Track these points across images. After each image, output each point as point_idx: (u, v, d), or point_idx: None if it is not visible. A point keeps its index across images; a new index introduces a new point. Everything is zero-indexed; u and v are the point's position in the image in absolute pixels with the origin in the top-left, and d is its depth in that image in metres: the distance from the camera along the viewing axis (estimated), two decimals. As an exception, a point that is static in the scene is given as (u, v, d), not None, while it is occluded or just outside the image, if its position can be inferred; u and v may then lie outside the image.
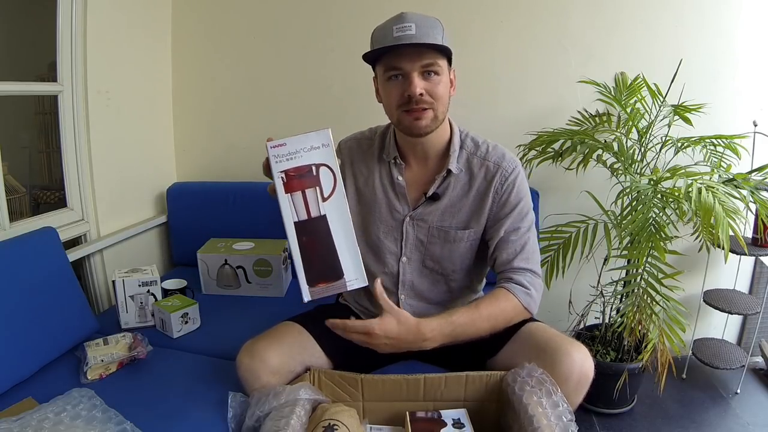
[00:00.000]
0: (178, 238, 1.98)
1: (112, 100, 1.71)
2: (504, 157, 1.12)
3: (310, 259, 0.88)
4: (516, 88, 1.84)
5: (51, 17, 1.52)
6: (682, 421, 1.65)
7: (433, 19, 1.03)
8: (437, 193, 1.12)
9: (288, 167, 0.86)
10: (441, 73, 1.02)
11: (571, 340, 1.02)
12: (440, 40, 1.01)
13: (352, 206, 1.15)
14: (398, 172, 1.14)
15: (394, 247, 1.16)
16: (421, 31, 0.99)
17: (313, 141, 0.87)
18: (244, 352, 1.07)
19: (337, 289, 0.91)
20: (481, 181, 1.11)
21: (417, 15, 1.02)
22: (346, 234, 0.90)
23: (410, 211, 1.14)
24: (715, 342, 1.88)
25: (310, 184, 0.88)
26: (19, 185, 2.06)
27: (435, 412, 1.05)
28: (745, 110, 1.75)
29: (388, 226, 1.16)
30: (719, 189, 1.28)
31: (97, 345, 1.27)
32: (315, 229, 0.88)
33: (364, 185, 1.18)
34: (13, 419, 0.96)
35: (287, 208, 0.86)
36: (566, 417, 0.89)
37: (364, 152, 1.19)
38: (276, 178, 0.86)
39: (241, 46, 1.98)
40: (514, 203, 1.10)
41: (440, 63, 1.02)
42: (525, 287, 1.07)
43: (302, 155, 0.87)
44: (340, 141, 1.23)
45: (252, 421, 0.98)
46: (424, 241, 1.15)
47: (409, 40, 0.98)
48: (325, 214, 0.89)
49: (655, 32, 1.74)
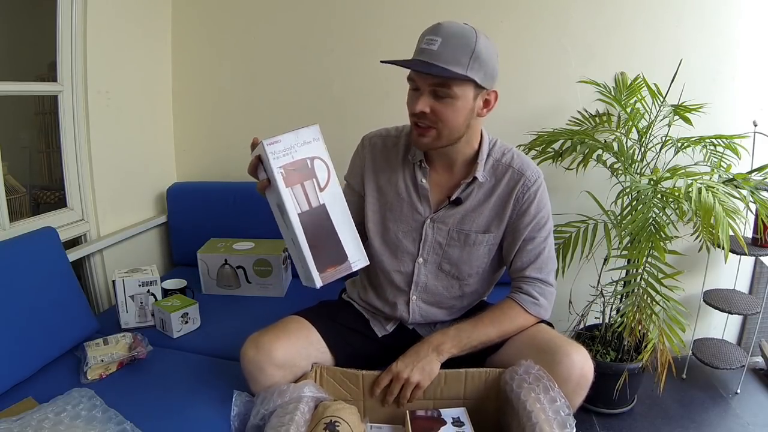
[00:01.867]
0: (178, 238, 1.98)
1: (112, 100, 1.71)
2: (528, 167, 1.12)
3: (317, 247, 0.91)
4: (516, 88, 1.84)
5: (51, 17, 1.52)
6: (682, 421, 1.65)
7: (467, 34, 0.97)
8: (460, 198, 1.12)
9: (285, 162, 0.89)
10: (456, 96, 0.98)
11: (570, 342, 1.03)
12: (463, 63, 0.96)
13: (371, 203, 1.19)
14: (422, 175, 1.13)
15: (412, 247, 1.16)
16: (445, 51, 0.95)
17: (305, 136, 0.91)
18: (250, 344, 1.06)
19: (344, 271, 0.95)
20: (504, 188, 1.11)
21: (450, 28, 0.98)
22: (344, 219, 0.95)
23: (432, 213, 1.14)
24: (715, 342, 1.88)
25: (308, 176, 0.92)
26: (19, 185, 2.06)
27: (435, 411, 1.05)
28: (745, 110, 1.75)
29: (408, 226, 1.16)
30: (719, 189, 1.28)
31: (97, 345, 1.27)
32: (317, 217, 0.92)
33: (386, 183, 1.17)
34: (13, 419, 0.96)
35: (290, 201, 0.90)
36: (564, 411, 0.90)
37: (388, 150, 1.18)
38: (276, 174, 0.88)
39: (241, 47, 1.98)
40: (533, 214, 1.11)
41: (455, 87, 0.97)
42: (533, 298, 1.11)
43: (297, 150, 0.90)
44: (364, 136, 1.22)
45: (257, 419, 0.98)
46: (442, 243, 1.15)
47: (427, 57, 0.96)
48: (324, 203, 0.93)
49: (655, 32, 1.74)
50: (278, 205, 0.93)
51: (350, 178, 1.23)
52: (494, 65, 1.02)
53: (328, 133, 0.93)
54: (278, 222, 0.97)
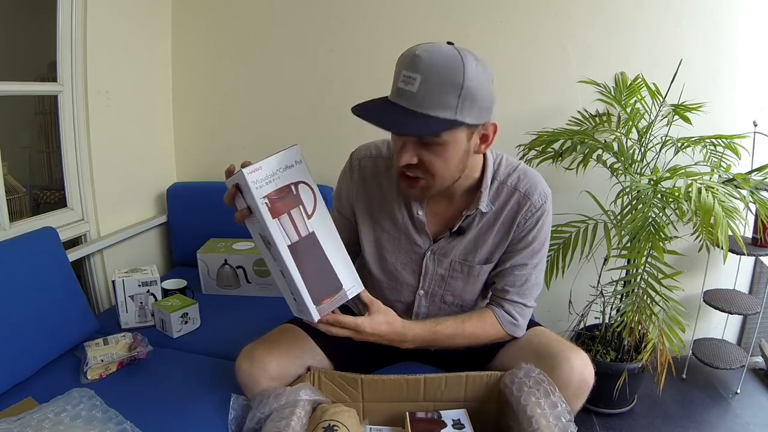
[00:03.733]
0: (178, 238, 1.98)
1: (112, 100, 1.71)
2: (536, 189, 1.01)
3: (310, 279, 0.85)
4: (516, 88, 1.84)
5: (51, 17, 1.52)
6: (682, 421, 1.65)
7: (453, 66, 0.79)
8: (462, 227, 1.03)
9: (269, 191, 0.82)
10: (446, 143, 0.85)
11: (570, 346, 1.01)
12: (451, 105, 0.79)
13: (366, 232, 1.11)
14: (419, 207, 1.04)
15: (413, 279, 1.10)
16: (425, 91, 0.79)
17: (286, 160, 0.84)
18: (244, 357, 1.05)
19: (339, 301, 0.89)
20: (508, 213, 1.02)
21: (432, 59, 0.79)
22: (335, 245, 0.89)
23: (431, 244, 1.06)
24: (715, 342, 1.88)
25: (294, 204, 0.85)
26: (19, 185, 2.06)
27: (435, 413, 1.05)
28: (745, 110, 1.75)
29: (407, 258, 1.09)
30: (719, 189, 1.28)
31: (97, 345, 1.27)
32: (307, 247, 0.86)
33: (379, 212, 1.08)
34: (13, 419, 0.96)
35: (277, 233, 0.82)
36: (565, 417, 0.89)
37: (380, 175, 1.06)
38: (260, 205, 0.80)
39: (241, 46, 1.98)
40: (530, 240, 1.03)
41: (444, 134, 0.83)
42: (513, 318, 1.06)
43: (279, 176, 0.83)
44: (353, 153, 1.10)
45: (253, 423, 0.98)
46: (444, 275, 1.09)
47: (405, 102, 0.81)
48: (313, 230, 0.86)
49: (655, 32, 1.74)
50: (262, 237, 0.86)
51: (338, 202, 1.15)
52: (489, 95, 0.84)
53: (328, 134, 0.89)
54: (263, 253, 0.90)
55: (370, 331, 0.94)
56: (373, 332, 0.95)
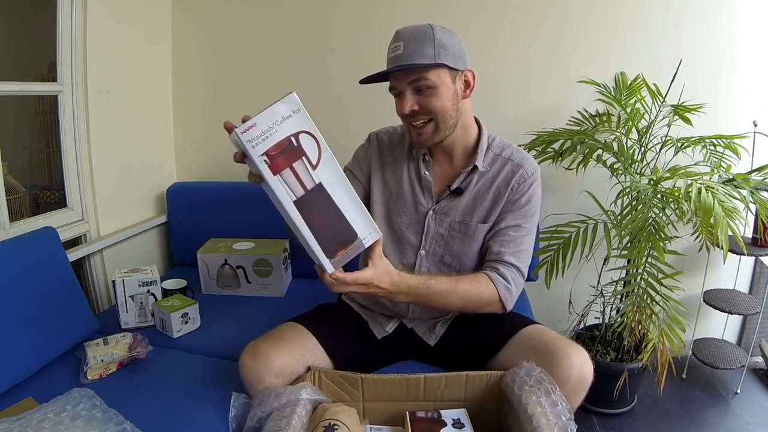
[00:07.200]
0: (178, 238, 1.98)
1: (112, 100, 1.71)
2: (527, 161, 1.16)
3: (321, 232, 0.82)
4: (516, 88, 1.84)
5: (51, 17, 1.52)
6: (682, 421, 1.65)
7: (424, 30, 1.03)
8: (460, 188, 1.15)
9: (267, 147, 0.78)
10: (435, 86, 1.03)
11: (570, 343, 1.03)
12: (430, 54, 1.01)
13: (377, 195, 1.21)
14: (425, 168, 1.17)
15: (415, 239, 1.19)
16: (409, 49, 1.01)
17: (282, 111, 0.80)
18: (247, 354, 1.07)
19: (356, 251, 0.87)
20: (502, 178, 1.14)
21: (408, 30, 1.04)
22: (346, 193, 0.85)
23: (434, 204, 1.17)
24: (715, 342, 1.88)
25: (296, 156, 0.80)
26: (19, 185, 2.06)
27: (435, 412, 1.05)
28: (745, 110, 1.75)
29: (411, 218, 1.19)
30: (719, 189, 1.28)
31: (97, 345, 1.27)
32: (315, 200, 0.82)
33: (391, 176, 1.21)
34: (13, 419, 0.96)
35: (281, 189, 0.79)
36: (565, 416, 0.89)
37: (394, 145, 1.23)
38: (259, 163, 0.78)
39: (240, 46, 1.98)
40: (523, 203, 1.13)
41: (430, 77, 1.02)
42: (507, 282, 1.09)
43: (276, 129, 0.79)
44: (371, 133, 1.28)
45: (253, 422, 0.98)
46: (444, 235, 1.17)
47: (397, 62, 1.02)
48: (320, 182, 0.83)
49: (655, 32, 1.74)
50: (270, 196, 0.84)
51: (353, 167, 1.25)
52: (459, 47, 1.06)
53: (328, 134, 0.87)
54: (279, 210, 0.86)
55: (376, 281, 0.96)
56: (378, 282, 0.96)
